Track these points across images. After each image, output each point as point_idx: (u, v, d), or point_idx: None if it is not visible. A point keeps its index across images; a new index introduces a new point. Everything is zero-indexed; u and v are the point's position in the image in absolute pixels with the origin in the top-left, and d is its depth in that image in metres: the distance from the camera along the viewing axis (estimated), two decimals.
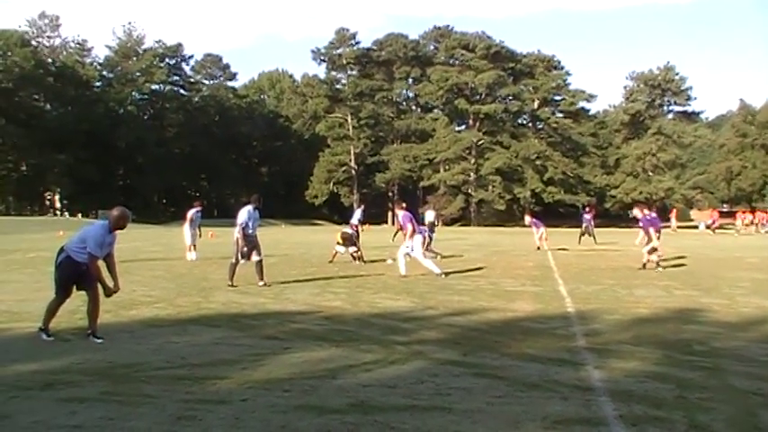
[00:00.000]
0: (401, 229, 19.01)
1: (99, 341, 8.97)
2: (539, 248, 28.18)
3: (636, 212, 20.05)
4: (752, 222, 62.49)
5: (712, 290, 14.48)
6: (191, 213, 23.72)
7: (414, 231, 17.41)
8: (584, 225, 35.24)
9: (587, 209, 38.88)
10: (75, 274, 9.22)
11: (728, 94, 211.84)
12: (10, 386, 6.69)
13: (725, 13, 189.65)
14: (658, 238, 18.78)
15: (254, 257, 15.32)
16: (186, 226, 23.68)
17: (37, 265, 20.63)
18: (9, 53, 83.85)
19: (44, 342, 8.95)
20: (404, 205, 18.76)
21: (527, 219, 31.47)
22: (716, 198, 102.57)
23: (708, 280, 16.61)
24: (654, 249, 18.65)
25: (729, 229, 61.84)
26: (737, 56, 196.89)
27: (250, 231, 15.34)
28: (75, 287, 9.41)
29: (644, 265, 18.74)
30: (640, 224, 19.62)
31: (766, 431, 5.45)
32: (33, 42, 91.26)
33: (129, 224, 10.31)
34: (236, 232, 15.34)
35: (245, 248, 15.28)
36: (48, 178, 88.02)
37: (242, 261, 15.32)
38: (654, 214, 20.14)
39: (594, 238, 33.44)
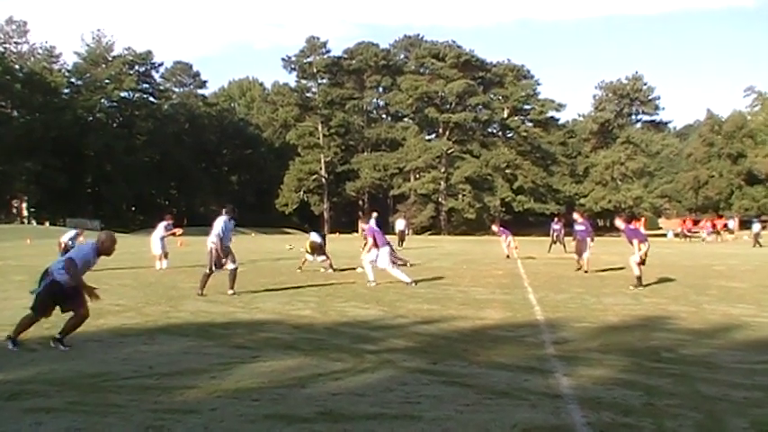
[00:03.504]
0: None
1: (65, 348, 8.90)
2: (508, 257, 28.27)
3: (618, 223, 18.46)
4: (715, 230, 63.08)
5: (680, 297, 14.60)
6: (161, 226, 23.63)
7: (374, 245, 17.41)
8: (554, 234, 35.45)
9: (556, 219, 39.08)
10: (58, 294, 9.06)
11: (696, 104, 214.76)
12: None
13: (693, 24, 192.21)
14: (644, 249, 17.15)
15: (230, 266, 15.20)
16: (155, 236, 23.57)
17: (4, 274, 20.40)
18: None
19: (9, 351, 8.82)
20: (370, 220, 18.76)
21: (495, 227, 31.59)
22: (683, 207, 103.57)
23: (675, 287, 16.75)
24: (642, 262, 17.05)
25: (696, 236, 62.54)
26: (705, 66, 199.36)
27: (227, 243, 15.22)
28: (58, 308, 9.23)
29: (638, 279, 16.71)
30: (624, 235, 17.93)
31: None
32: (0, 48, 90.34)
33: (98, 232, 10.26)
34: (211, 242, 15.19)
35: (221, 258, 15.16)
36: (15, 186, 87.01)
37: (215, 271, 15.22)
38: (632, 226, 19.36)
39: (564, 246, 33.61)
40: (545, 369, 7.79)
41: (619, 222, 18.35)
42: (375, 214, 18.60)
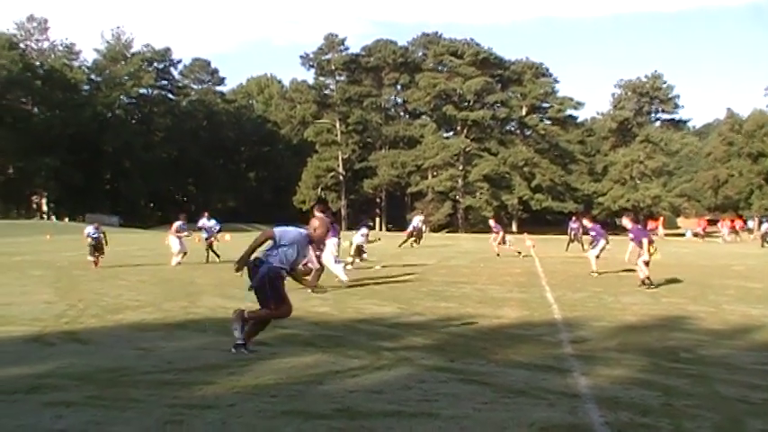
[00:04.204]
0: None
1: (250, 353, 8.37)
2: (498, 255, 28.21)
3: (625, 222, 18.17)
4: (734, 230, 62.50)
5: (699, 297, 14.52)
6: (176, 225, 23.84)
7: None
8: (572, 233, 35.29)
9: (574, 218, 38.82)
10: (278, 280, 8.49)
11: (715, 102, 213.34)
12: None
13: (712, 22, 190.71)
14: (651, 249, 16.85)
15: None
16: (171, 236, 23.81)
17: (23, 269, 20.56)
18: None
19: (30, 346, 8.86)
20: (322, 208, 18.07)
21: (491, 222, 31.47)
22: (702, 206, 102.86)
23: (694, 287, 16.65)
24: (647, 262, 16.65)
25: (717, 236, 62.13)
26: (725, 65, 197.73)
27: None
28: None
29: (643, 281, 16.44)
30: (630, 235, 17.56)
31: None
32: (21, 45, 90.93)
33: (116, 229, 10.26)
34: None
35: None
36: (34, 182, 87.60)
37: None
38: (639, 225, 19.13)
39: (582, 245, 33.47)
40: (563, 368, 7.77)
41: (626, 221, 18.11)
42: (323, 208, 17.81)
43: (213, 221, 25.32)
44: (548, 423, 5.67)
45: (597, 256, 19.66)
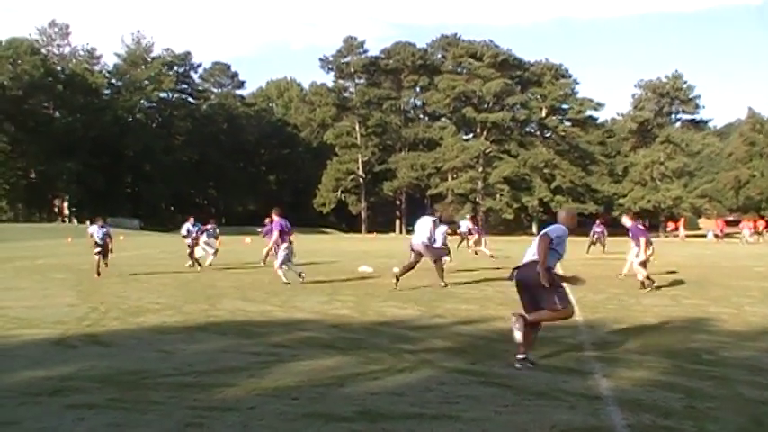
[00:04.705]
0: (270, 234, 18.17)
1: (529, 365, 7.85)
2: (476, 253, 28.23)
3: (625, 220, 17.44)
4: (756, 231, 61.91)
5: (721, 299, 14.40)
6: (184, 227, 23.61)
7: (279, 239, 16.97)
8: (594, 236, 35.05)
9: (598, 221, 38.29)
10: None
11: (737, 102, 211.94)
12: (18, 392, 6.71)
13: (733, 21, 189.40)
14: (649, 250, 16.55)
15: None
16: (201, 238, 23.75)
17: (45, 272, 20.70)
18: (19, 61, 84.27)
19: (52, 347, 8.93)
20: (279, 212, 17.88)
21: (468, 223, 31.33)
22: (724, 207, 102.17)
23: (716, 289, 16.52)
24: (644, 263, 16.27)
25: (736, 237, 61.64)
26: (746, 64, 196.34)
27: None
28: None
29: (642, 283, 16.05)
30: (629, 234, 17.08)
31: None
32: (43, 50, 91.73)
33: (137, 231, 10.32)
34: (421, 242, 16.64)
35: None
36: (56, 185, 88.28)
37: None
38: (639, 224, 17.93)
39: (604, 247, 33.35)
40: (584, 370, 7.73)
41: (626, 220, 17.44)
42: (279, 211, 17.30)
43: (197, 227, 24.09)
44: (569, 425, 5.65)
45: (643, 263, 17.83)
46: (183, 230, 23.68)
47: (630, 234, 16.97)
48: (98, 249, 19.67)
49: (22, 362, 8.19)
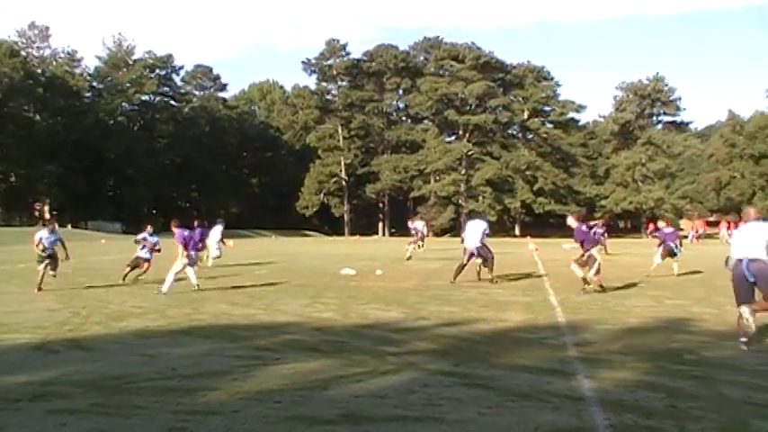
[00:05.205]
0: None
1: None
2: (409, 258, 28.35)
3: (570, 221, 16.83)
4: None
5: (703, 299, 14.49)
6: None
7: (184, 250, 16.49)
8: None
9: (601, 222, 37.68)
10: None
11: (717, 104, 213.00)
12: None
13: (713, 24, 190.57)
14: (589, 254, 15.99)
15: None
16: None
17: (26, 277, 20.51)
18: None
19: (31, 353, 8.87)
20: (178, 223, 17.50)
21: (409, 223, 31.37)
22: (705, 207, 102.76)
23: (698, 289, 16.63)
24: (583, 264, 15.85)
25: (716, 238, 61.99)
26: (726, 66, 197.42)
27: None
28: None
29: (583, 280, 15.68)
30: (574, 235, 16.57)
31: None
32: (23, 53, 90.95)
33: (120, 234, 10.23)
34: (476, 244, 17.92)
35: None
36: (37, 189, 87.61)
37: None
38: (584, 227, 17.02)
39: (606, 249, 33.04)
40: (567, 371, 7.77)
41: (571, 221, 16.85)
42: (178, 222, 16.63)
43: (156, 237, 21.40)
44: (553, 426, 5.67)
45: (582, 263, 16.38)
46: (139, 236, 21.17)
47: (575, 236, 16.53)
48: (46, 259, 16.87)
49: (3, 367, 8.14)
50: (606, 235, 35.30)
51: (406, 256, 28.96)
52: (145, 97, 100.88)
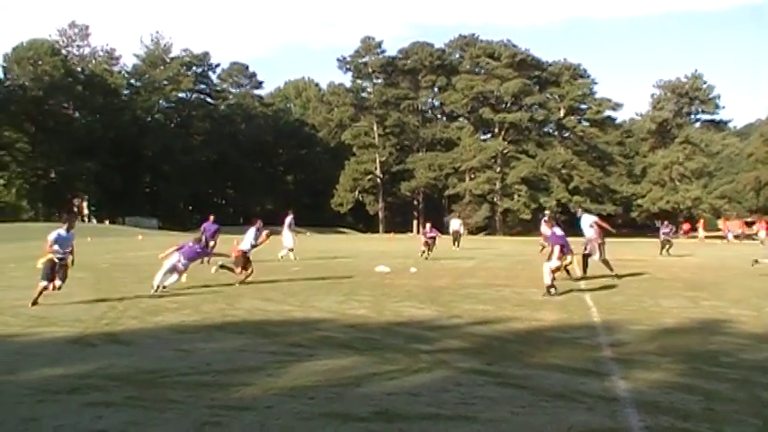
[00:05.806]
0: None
1: None
2: (423, 252, 27.98)
3: (544, 229, 16.47)
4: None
5: (740, 301, 14.28)
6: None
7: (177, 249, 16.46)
8: (662, 237, 34.33)
9: (666, 222, 37.33)
10: None
11: (757, 102, 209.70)
12: (37, 389, 6.77)
13: (753, 20, 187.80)
14: (567, 259, 15.92)
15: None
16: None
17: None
18: (39, 62, 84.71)
19: (69, 346, 8.97)
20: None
21: (427, 226, 31.00)
22: (744, 207, 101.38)
23: (735, 291, 16.39)
24: (554, 270, 15.33)
25: (755, 238, 61.08)
26: (766, 64, 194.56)
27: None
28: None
29: (548, 289, 14.95)
30: (549, 241, 16.24)
31: None
32: (63, 51, 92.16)
33: (156, 231, 10.30)
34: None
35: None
36: (75, 185, 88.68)
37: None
38: (558, 231, 16.23)
39: (669, 250, 32.48)
40: (601, 372, 7.70)
41: (544, 228, 16.43)
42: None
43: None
44: (586, 427, 5.63)
45: (556, 269, 15.88)
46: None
47: (549, 240, 16.13)
48: (54, 267, 13.59)
49: (41, 360, 8.25)
50: (672, 234, 34.77)
51: (419, 252, 28.42)
52: (181, 95, 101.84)
